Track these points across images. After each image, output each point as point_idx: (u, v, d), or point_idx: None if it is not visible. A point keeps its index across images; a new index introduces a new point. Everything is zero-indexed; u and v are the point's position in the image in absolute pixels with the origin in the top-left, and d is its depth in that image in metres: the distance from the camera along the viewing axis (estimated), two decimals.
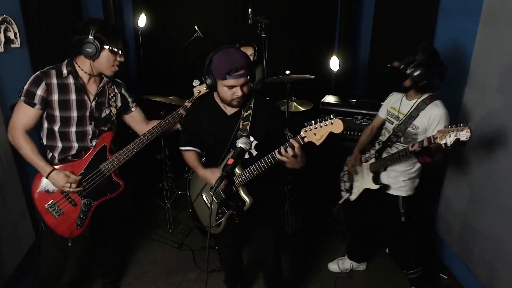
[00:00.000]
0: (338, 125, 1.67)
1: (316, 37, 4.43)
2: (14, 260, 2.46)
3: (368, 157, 2.51)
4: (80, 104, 2.00)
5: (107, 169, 2.08)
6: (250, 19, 3.26)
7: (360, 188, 2.57)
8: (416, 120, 2.21)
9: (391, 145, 2.36)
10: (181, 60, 4.04)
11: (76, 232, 2.09)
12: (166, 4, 4.18)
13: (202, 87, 2.34)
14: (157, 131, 2.16)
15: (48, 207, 2.01)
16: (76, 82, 1.98)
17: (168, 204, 3.37)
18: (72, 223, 2.07)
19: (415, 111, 2.21)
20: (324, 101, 3.22)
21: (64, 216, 2.04)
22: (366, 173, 2.52)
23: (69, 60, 1.99)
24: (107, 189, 2.12)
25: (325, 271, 2.89)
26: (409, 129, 2.24)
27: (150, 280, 2.75)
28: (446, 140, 1.83)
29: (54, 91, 1.93)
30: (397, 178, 2.36)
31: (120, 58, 2.01)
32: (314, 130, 1.70)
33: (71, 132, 2.01)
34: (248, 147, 1.73)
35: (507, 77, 2.12)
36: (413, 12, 3.36)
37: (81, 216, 2.07)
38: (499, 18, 2.18)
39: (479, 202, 2.39)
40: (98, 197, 2.11)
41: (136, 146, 2.12)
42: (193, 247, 3.09)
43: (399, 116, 2.32)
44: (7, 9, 2.44)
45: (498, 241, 2.19)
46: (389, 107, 2.45)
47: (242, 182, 1.92)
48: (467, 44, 2.45)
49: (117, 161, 2.09)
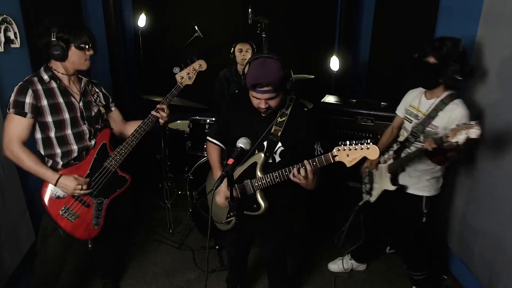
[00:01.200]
0: (374, 152, 1.64)
1: (316, 37, 4.43)
2: (14, 260, 2.47)
3: (387, 157, 2.44)
4: (69, 105, 1.99)
5: (111, 165, 2.08)
6: (250, 19, 3.26)
7: (379, 190, 2.50)
8: (435, 120, 2.15)
9: (409, 145, 2.29)
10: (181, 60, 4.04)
11: (94, 233, 2.09)
12: (166, 4, 4.18)
13: (183, 73, 2.33)
14: (151, 120, 2.15)
15: (63, 213, 1.98)
16: (59, 86, 1.97)
17: (168, 204, 3.37)
18: (89, 224, 2.06)
19: (434, 111, 2.15)
20: (324, 101, 3.21)
21: (80, 219, 2.02)
22: (384, 174, 2.45)
23: (45, 66, 1.97)
24: (115, 184, 2.13)
25: (326, 270, 2.89)
26: (428, 129, 2.18)
27: (150, 280, 2.75)
28: (457, 138, 1.79)
29: (42, 96, 1.91)
30: (420, 178, 2.30)
31: (89, 52, 1.97)
32: (347, 151, 1.68)
33: (68, 135, 2.00)
34: (248, 148, 1.73)
35: (507, 77, 2.12)
36: (413, 12, 3.36)
37: (96, 216, 2.07)
38: (499, 18, 2.18)
39: (479, 202, 2.39)
40: (109, 194, 2.11)
41: (135, 138, 2.11)
42: (193, 247, 3.09)
43: (418, 115, 2.26)
44: (7, 9, 2.44)
45: (498, 241, 2.19)
46: (407, 105, 2.38)
47: (261, 186, 1.93)
48: (467, 44, 2.44)
49: (119, 155, 2.09)
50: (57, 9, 3.26)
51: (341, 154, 1.70)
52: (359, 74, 4.59)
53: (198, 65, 2.38)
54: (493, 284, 2.25)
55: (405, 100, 2.43)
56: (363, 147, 1.65)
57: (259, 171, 1.92)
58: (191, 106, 3.38)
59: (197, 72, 2.37)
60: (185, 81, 2.33)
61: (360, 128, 3.05)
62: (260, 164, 1.92)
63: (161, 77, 4.20)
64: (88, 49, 1.96)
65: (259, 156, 1.93)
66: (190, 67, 2.36)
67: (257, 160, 1.93)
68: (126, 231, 3.22)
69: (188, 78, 2.34)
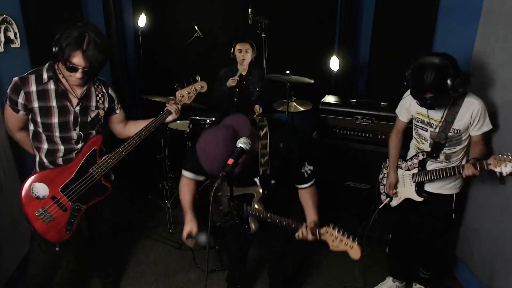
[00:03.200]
0: (355, 253, 1.71)
1: (316, 37, 4.43)
2: (14, 260, 2.46)
3: (411, 166, 2.35)
4: (62, 110, 1.95)
5: (96, 173, 2.04)
6: (250, 19, 3.26)
7: (401, 196, 2.44)
8: (454, 124, 2.10)
9: (436, 156, 2.23)
10: (181, 60, 4.04)
11: (65, 237, 2.05)
12: (166, 4, 4.18)
13: (184, 91, 2.34)
14: (144, 134, 2.13)
15: (39, 214, 1.95)
16: (57, 88, 1.91)
17: (168, 204, 3.37)
18: (62, 228, 2.02)
19: (450, 116, 2.09)
20: (324, 101, 3.21)
21: (54, 221, 1.99)
22: (408, 181, 2.38)
23: (50, 64, 1.92)
24: (96, 192, 2.09)
25: (326, 270, 2.89)
26: (450, 133, 2.13)
27: (150, 280, 2.75)
28: (501, 169, 1.77)
29: (34, 99, 1.89)
30: (447, 179, 2.22)
31: (77, 75, 1.83)
32: (334, 237, 1.76)
33: (55, 136, 1.98)
34: (248, 147, 1.73)
35: (507, 77, 2.12)
36: (413, 12, 3.37)
37: (71, 220, 2.03)
38: (499, 18, 2.18)
39: (479, 202, 2.39)
40: (88, 201, 2.07)
41: (125, 149, 2.08)
42: (193, 247, 3.08)
43: (431, 123, 2.18)
44: (7, 9, 2.44)
45: (498, 241, 2.19)
46: (413, 112, 2.28)
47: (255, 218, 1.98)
48: (467, 44, 2.45)
49: (106, 164, 2.06)
50: (57, 9, 3.26)
51: (327, 236, 1.78)
52: (359, 74, 4.59)
53: (199, 86, 2.40)
54: (493, 284, 2.25)
55: (406, 103, 2.32)
56: (349, 243, 1.72)
57: (256, 203, 1.97)
58: (191, 106, 3.38)
59: (197, 93, 2.40)
60: (184, 99, 2.35)
61: (360, 128, 3.05)
62: (257, 197, 1.97)
63: (161, 77, 4.22)
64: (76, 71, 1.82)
65: (258, 191, 1.97)
66: (192, 86, 2.37)
67: (255, 193, 1.98)
68: (121, 231, 3.22)
69: (188, 98, 2.36)
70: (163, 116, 2.24)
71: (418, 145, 2.34)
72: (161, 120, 2.22)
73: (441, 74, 1.90)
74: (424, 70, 1.91)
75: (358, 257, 1.69)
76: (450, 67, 1.91)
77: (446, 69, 1.91)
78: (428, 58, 1.95)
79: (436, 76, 1.89)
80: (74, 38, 1.76)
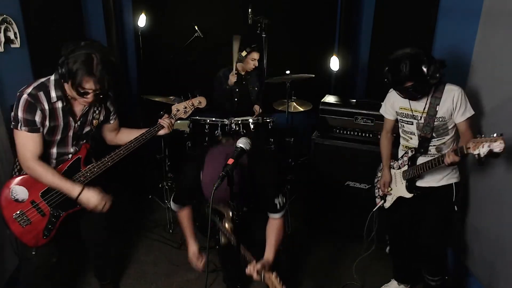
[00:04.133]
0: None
1: (316, 37, 4.44)
2: (14, 260, 2.46)
3: (401, 164, 2.39)
4: (66, 127, 1.94)
5: (79, 181, 1.98)
6: (250, 19, 3.27)
7: (394, 196, 2.47)
8: (438, 113, 2.16)
9: (425, 151, 2.26)
10: (181, 60, 4.05)
11: (41, 242, 1.99)
12: (166, 4, 4.18)
13: (181, 105, 2.32)
14: (133, 146, 2.11)
15: (16, 217, 1.90)
16: (64, 107, 1.88)
17: (168, 204, 3.37)
18: (39, 233, 1.97)
19: (432, 109, 2.16)
20: (324, 101, 3.21)
21: (31, 225, 1.94)
22: (399, 180, 2.41)
23: (57, 80, 1.83)
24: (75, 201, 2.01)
25: (325, 270, 2.89)
26: (436, 123, 2.18)
27: (150, 280, 2.75)
28: (479, 150, 1.79)
29: (47, 117, 1.84)
30: (440, 171, 2.24)
31: (86, 99, 1.81)
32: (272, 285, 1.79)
33: (52, 152, 1.96)
34: (248, 147, 1.73)
35: (507, 77, 2.12)
36: (413, 12, 3.36)
37: (49, 226, 1.99)
38: (499, 18, 2.18)
39: (479, 202, 2.39)
40: (67, 208, 2.02)
41: (111, 159, 2.04)
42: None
43: (415, 115, 2.24)
44: (7, 9, 2.44)
45: (498, 241, 2.19)
46: (397, 108, 2.33)
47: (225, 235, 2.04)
48: (467, 44, 2.45)
49: (90, 173, 2.01)
50: (57, 9, 3.26)
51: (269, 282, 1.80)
52: (359, 74, 4.59)
53: (197, 101, 2.38)
54: (493, 284, 2.25)
55: (389, 100, 2.39)
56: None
57: (226, 223, 2.03)
58: None
59: (194, 108, 2.38)
60: (180, 114, 2.33)
61: (360, 128, 3.05)
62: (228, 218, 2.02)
63: (161, 77, 4.23)
64: (88, 94, 1.80)
65: (228, 213, 2.02)
66: (190, 101, 2.36)
67: (226, 214, 2.03)
68: (125, 231, 3.22)
69: (184, 112, 2.34)
70: (155, 129, 2.21)
71: (406, 143, 2.38)
72: (153, 133, 2.19)
73: (415, 62, 2.01)
74: (399, 62, 2.02)
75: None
76: (422, 55, 2.02)
77: (419, 56, 2.02)
78: (400, 50, 2.07)
79: (411, 64, 2.00)
80: (82, 62, 1.70)
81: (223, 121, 3.04)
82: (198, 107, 2.38)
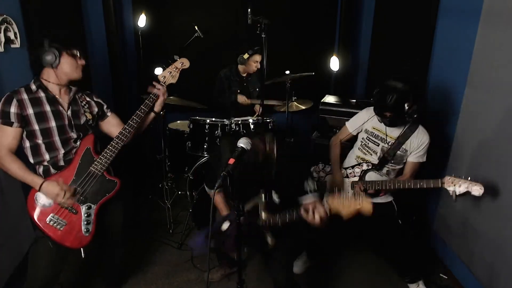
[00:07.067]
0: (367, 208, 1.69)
1: (316, 37, 4.44)
2: (14, 260, 2.46)
3: (351, 174, 2.52)
4: (57, 114, 1.99)
5: (97, 170, 2.04)
6: (250, 19, 3.26)
7: None
8: (405, 144, 2.38)
9: (380, 168, 2.45)
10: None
11: (85, 240, 2.02)
12: (166, 4, 4.18)
13: (165, 72, 2.31)
14: (136, 121, 2.13)
15: (50, 221, 1.95)
16: (47, 95, 1.97)
17: (168, 204, 3.37)
18: (79, 232, 2.00)
19: (403, 137, 2.37)
20: (324, 101, 3.21)
21: (68, 226, 1.97)
22: (347, 189, 2.51)
23: (35, 78, 1.98)
24: (104, 189, 2.08)
25: (327, 270, 2.89)
26: (398, 152, 2.39)
27: (150, 280, 2.75)
28: (455, 188, 1.95)
29: (27, 105, 1.91)
30: None
31: (81, 62, 2.03)
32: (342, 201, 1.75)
33: (56, 141, 1.99)
34: (248, 147, 1.73)
35: (507, 77, 2.12)
36: (413, 12, 3.37)
37: (85, 222, 2.02)
38: (499, 18, 2.18)
39: (479, 202, 2.39)
40: (97, 199, 2.06)
41: (120, 140, 2.08)
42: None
43: (387, 139, 2.42)
44: (7, 9, 2.44)
45: (498, 241, 2.19)
46: (369, 126, 2.48)
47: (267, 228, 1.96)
48: (467, 44, 2.45)
49: (105, 159, 2.05)
50: (57, 9, 3.26)
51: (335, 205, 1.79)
52: (359, 74, 4.59)
53: (180, 63, 2.36)
54: (493, 284, 2.25)
55: (362, 118, 2.52)
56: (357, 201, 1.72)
57: (263, 213, 1.96)
58: (191, 106, 3.39)
59: (180, 71, 2.36)
60: (168, 80, 2.32)
61: None
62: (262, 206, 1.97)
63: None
64: (80, 58, 2.01)
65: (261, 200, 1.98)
66: (172, 66, 2.35)
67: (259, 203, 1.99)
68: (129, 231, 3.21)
69: (171, 77, 2.34)
70: (151, 100, 2.21)
71: (363, 156, 2.53)
72: (149, 105, 2.20)
73: (401, 99, 2.19)
74: (388, 92, 2.21)
75: (370, 212, 1.68)
76: (410, 94, 2.19)
77: (406, 94, 2.19)
78: (394, 82, 2.24)
79: (396, 99, 2.19)
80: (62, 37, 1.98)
81: (223, 121, 3.04)
82: (183, 68, 2.37)
